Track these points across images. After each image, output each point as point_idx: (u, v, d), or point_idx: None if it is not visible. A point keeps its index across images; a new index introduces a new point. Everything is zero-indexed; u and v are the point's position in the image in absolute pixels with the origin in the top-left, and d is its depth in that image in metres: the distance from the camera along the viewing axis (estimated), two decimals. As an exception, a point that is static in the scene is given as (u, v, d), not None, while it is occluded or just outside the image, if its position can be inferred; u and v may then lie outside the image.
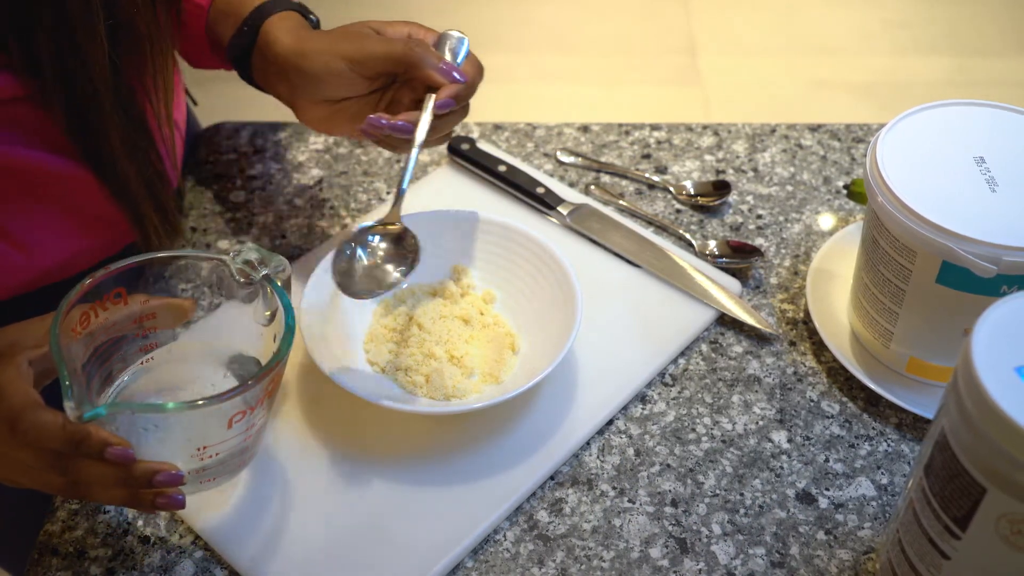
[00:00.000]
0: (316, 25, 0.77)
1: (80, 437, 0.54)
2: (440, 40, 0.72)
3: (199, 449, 0.59)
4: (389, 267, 0.68)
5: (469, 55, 0.72)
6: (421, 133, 0.68)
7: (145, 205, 0.74)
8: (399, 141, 0.70)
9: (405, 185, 0.69)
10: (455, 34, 0.73)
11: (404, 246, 0.69)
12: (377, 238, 0.69)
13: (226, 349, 0.67)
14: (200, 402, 0.56)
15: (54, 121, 0.68)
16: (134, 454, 0.55)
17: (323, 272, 0.75)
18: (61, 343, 0.56)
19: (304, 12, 0.77)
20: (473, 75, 0.71)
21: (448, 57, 0.71)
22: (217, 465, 0.61)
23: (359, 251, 0.68)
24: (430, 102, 0.68)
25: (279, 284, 0.63)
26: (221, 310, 0.72)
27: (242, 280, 0.63)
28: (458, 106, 0.70)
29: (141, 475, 0.56)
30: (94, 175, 0.72)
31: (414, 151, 0.68)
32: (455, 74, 0.69)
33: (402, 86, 0.72)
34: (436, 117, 0.69)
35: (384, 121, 0.68)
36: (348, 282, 0.67)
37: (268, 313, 0.64)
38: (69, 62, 0.65)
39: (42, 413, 0.55)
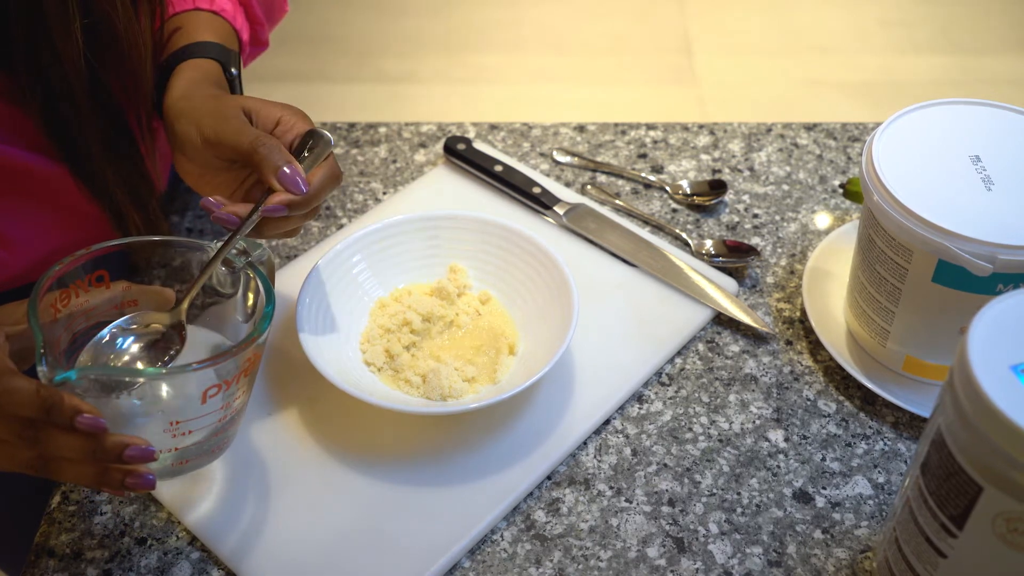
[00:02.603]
0: (231, 80, 0.74)
1: (52, 403, 0.53)
2: (305, 137, 0.67)
3: (172, 424, 0.59)
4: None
5: (327, 161, 0.67)
6: (243, 231, 0.64)
7: (125, 204, 0.74)
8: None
9: (200, 281, 0.64)
10: (322, 135, 0.67)
11: (164, 351, 0.63)
12: (130, 339, 0.62)
13: (208, 343, 0.67)
14: (173, 369, 0.56)
15: (33, 119, 0.68)
16: (105, 423, 0.54)
17: (319, 273, 0.75)
18: (41, 320, 0.56)
19: (227, 63, 0.74)
20: (320, 185, 0.66)
21: (307, 161, 0.66)
22: (192, 446, 0.61)
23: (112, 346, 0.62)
24: (261, 203, 0.64)
25: (262, 271, 0.64)
26: (208, 307, 0.71)
27: (225, 268, 0.63)
28: (291, 214, 0.65)
29: (111, 448, 0.55)
30: (71, 173, 0.72)
31: (225, 248, 0.64)
32: (294, 183, 0.64)
33: None
34: (271, 217, 0.65)
35: (216, 207, 0.65)
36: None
37: (250, 304, 0.64)
38: (44, 59, 0.65)
39: (16, 379, 0.54)
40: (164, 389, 0.61)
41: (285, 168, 0.64)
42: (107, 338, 0.63)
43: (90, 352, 0.62)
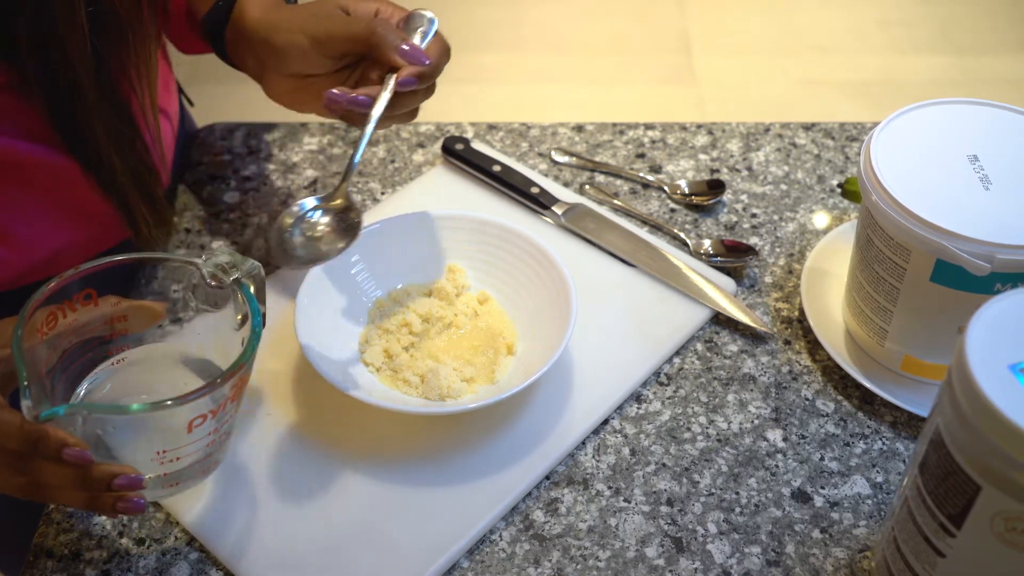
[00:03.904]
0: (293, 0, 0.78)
1: (37, 437, 0.54)
2: (408, 20, 0.73)
3: (159, 453, 0.59)
4: (328, 240, 0.70)
5: (436, 36, 0.72)
6: (379, 108, 0.68)
7: (132, 195, 0.74)
8: (361, 115, 0.70)
9: (356, 159, 0.70)
10: (424, 14, 0.72)
11: (347, 221, 0.70)
12: (319, 213, 0.71)
13: (198, 355, 0.67)
14: (156, 404, 0.55)
15: (37, 111, 0.68)
16: (92, 456, 0.54)
17: (318, 273, 0.75)
18: (24, 345, 0.55)
19: None
20: (438, 56, 0.70)
21: (416, 39, 0.71)
22: (180, 470, 0.61)
23: (297, 228, 0.70)
24: (391, 80, 0.69)
25: (251, 288, 0.63)
26: (198, 316, 0.71)
27: (213, 284, 0.63)
28: (420, 85, 0.69)
29: (100, 478, 0.55)
30: (79, 166, 0.71)
31: (369, 126, 0.68)
32: (416, 56, 0.69)
33: (370, 64, 0.72)
34: (398, 94, 0.69)
35: (343, 95, 0.68)
36: (283, 254, 0.69)
37: (239, 317, 0.63)
38: (50, 50, 0.65)
39: (1, 412, 0.55)
40: (146, 423, 0.60)
41: (404, 45, 0.68)
42: (303, 218, 0.70)
43: (284, 222, 0.68)
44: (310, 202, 0.70)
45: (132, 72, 0.71)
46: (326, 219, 0.70)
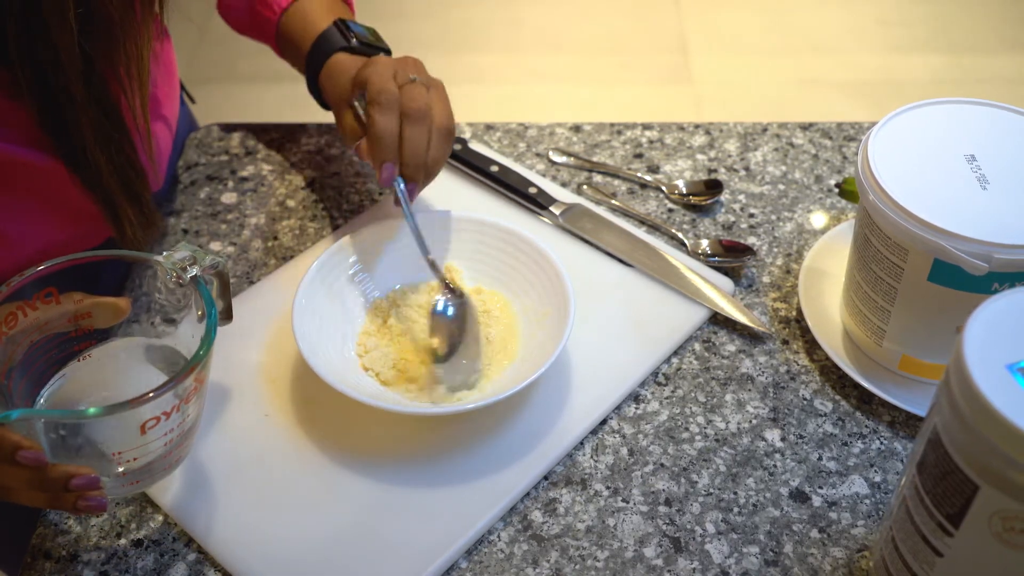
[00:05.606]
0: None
1: None
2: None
3: (114, 455, 0.59)
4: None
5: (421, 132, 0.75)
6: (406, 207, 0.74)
7: (119, 197, 0.74)
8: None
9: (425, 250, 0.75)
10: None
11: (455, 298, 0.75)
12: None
13: (167, 351, 0.67)
14: (110, 408, 0.55)
15: (26, 112, 0.68)
16: (46, 458, 0.55)
17: (317, 273, 0.74)
18: None
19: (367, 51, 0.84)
20: (413, 168, 0.74)
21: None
22: (139, 469, 0.60)
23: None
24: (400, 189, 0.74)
25: (211, 284, 0.63)
26: (163, 313, 0.72)
27: (175, 279, 0.63)
28: (416, 182, 0.74)
29: (57, 478, 0.55)
30: (65, 166, 0.71)
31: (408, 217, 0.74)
32: (385, 183, 0.74)
33: None
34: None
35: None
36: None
37: (199, 313, 0.63)
38: (39, 51, 0.65)
39: None
40: (99, 426, 0.60)
41: (382, 173, 0.74)
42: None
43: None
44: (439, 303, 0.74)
45: (123, 73, 0.71)
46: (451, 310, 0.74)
